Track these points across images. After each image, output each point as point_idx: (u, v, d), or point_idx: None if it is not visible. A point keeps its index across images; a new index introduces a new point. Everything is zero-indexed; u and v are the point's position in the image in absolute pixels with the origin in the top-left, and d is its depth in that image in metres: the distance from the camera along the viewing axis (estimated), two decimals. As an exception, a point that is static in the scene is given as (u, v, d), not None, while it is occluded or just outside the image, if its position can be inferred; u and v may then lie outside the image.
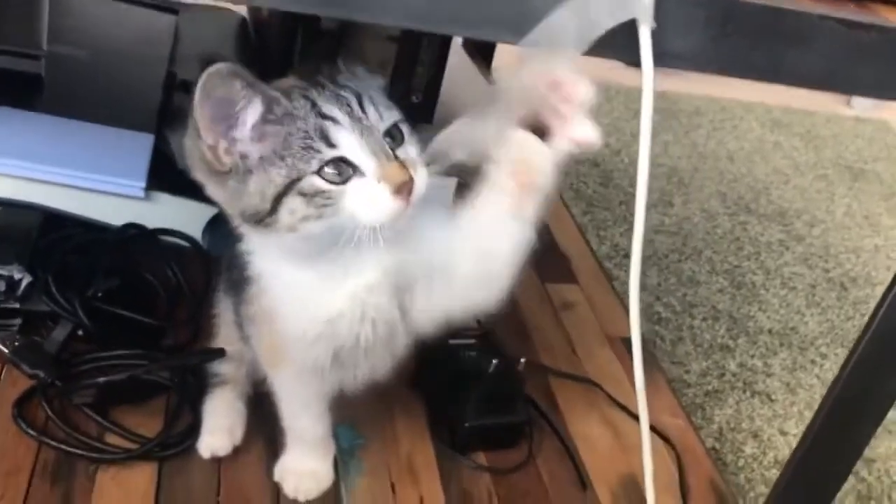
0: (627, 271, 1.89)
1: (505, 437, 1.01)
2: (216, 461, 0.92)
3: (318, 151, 0.67)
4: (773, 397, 1.59)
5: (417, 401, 1.05)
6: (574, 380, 1.15)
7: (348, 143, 0.68)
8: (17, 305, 0.99)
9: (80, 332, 0.99)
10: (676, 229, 2.06)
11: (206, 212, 1.11)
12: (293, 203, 0.67)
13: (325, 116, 0.68)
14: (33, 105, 1.16)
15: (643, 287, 1.80)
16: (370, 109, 0.70)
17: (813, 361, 1.71)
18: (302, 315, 0.76)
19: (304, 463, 0.91)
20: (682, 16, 0.58)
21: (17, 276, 0.98)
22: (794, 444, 1.48)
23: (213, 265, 1.09)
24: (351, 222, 0.68)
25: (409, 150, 0.71)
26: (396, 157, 0.69)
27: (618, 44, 0.58)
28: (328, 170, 0.67)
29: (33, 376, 0.94)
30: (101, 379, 0.92)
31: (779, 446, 1.49)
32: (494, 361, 0.97)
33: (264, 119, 0.67)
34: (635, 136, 2.32)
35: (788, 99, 2.91)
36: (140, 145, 1.13)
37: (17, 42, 1.18)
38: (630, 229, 1.97)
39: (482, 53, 2.01)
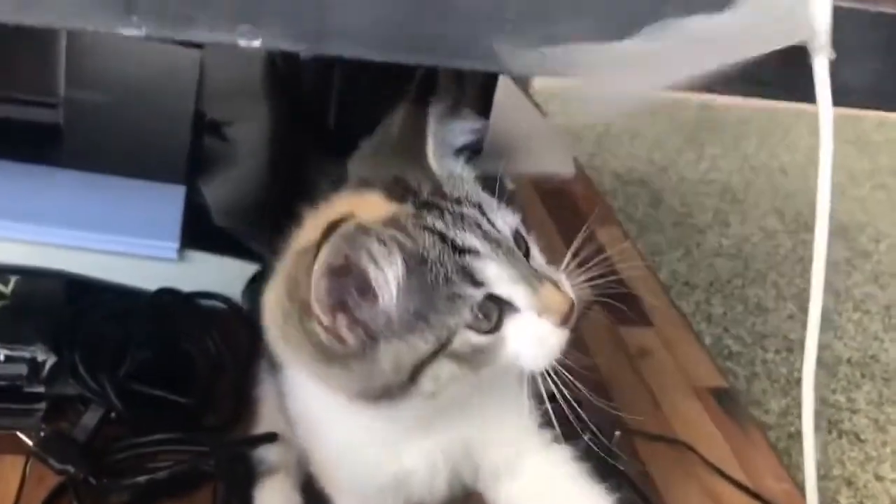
0: (689, 300, 1.77)
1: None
2: (274, 562, 0.80)
3: (467, 298, 0.53)
4: (862, 437, 1.46)
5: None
6: (664, 441, 1.02)
7: (496, 275, 0.54)
8: (41, 390, 0.88)
9: (112, 416, 0.88)
10: (736, 251, 1.94)
11: (246, 270, 0.99)
12: (442, 369, 0.54)
13: (462, 250, 0.54)
14: (52, 158, 1.05)
15: (708, 318, 1.69)
16: (498, 221, 0.56)
17: (900, 393, 1.58)
18: (364, 466, 0.64)
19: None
20: (858, 42, 0.46)
21: (40, 357, 0.87)
22: (892, 491, 1.36)
23: (255, 329, 0.98)
24: (508, 370, 0.56)
25: (537, 256, 0.58)
26: (541, 276, 0.56)
27: (781, 82, 0.46)
28: (478, 317, 0.54)
29: (62, 472, 0.83)
30: (142, 478, 0.80)
31: (876, 494, 1.35)
32: (587, 435, 0.84)
33: (406, 277, 0.53)
34: (680, 151, 2.19)
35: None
36: (171, 199, 1.02)
37: (31, 90, 1.08)
38: (687, 254, 1.86)
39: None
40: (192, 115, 1.14)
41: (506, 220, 0.57)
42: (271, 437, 0.84)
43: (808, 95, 0.45)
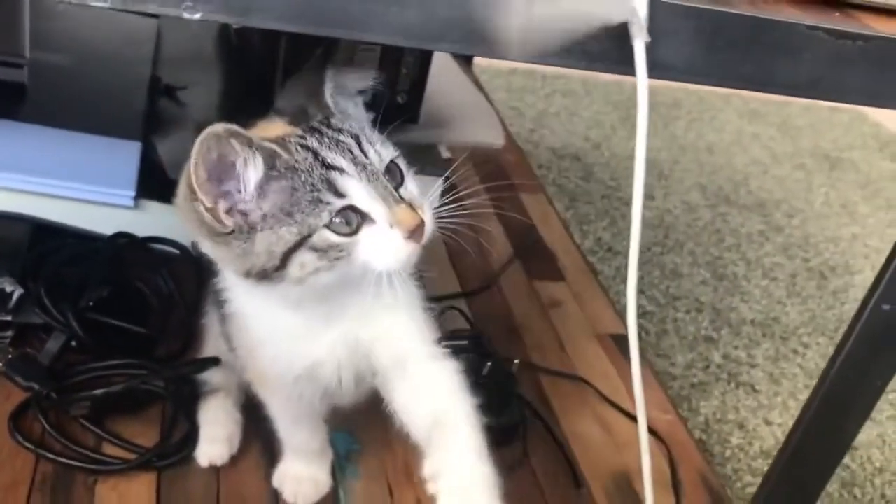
0: (611, 265, 1.91)
1: (499, 438, 1.02)
2: (215, 469, 0.92)
3: (328, 203, 0.66)
4: (758, 388, 1.62)
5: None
6: (565, 377, 1.16)
7: (356, 191, 0.66)
8: (9, 318, 0.98)
9: (73, 344, 0.99)
10: (658, 222, 2.08)
11: (196, 219, 1.11)
12: (304, 258, 0.66)
13: (329, 166, 0.67)
14: (17, 115, 1.15)
15: (626, 280, 1.83)
16: (370, 151, 0.69)
17: (795, 351, 1.74)
18: (282, 358, 0.77)
19: (303, 469, 0.92)
20: (673, 28, 0.59)
21: (8, 288, 0.98)
22: (778, 434, 1.52)
23: (204, 272, 1.10)
24: (363, 270, 0.68)
25: (411, 187, 0.71)
26: (401, 198, 0.68)
27: (610, 57, 0.58)
28: (337, 220, 0.66)
29: (28, 389, 0.94)
30: (98, 391, 0.92)
31: (764, 436, 1.51)
32: (489, 364, 0.98)
33: (267, 176, 0.65)
34: (615, 128, 2.34)
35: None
36: (128, 153, 1.13)
37: (-2, 50, 1.18)
38: (612, 224, 2.00)
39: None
40: (148, 79, 1.25)
41: (380, 153, 0.70)
42: (215, 361, 0.95)
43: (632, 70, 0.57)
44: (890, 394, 1.67)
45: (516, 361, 1.02)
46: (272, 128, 0.71)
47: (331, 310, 0.74)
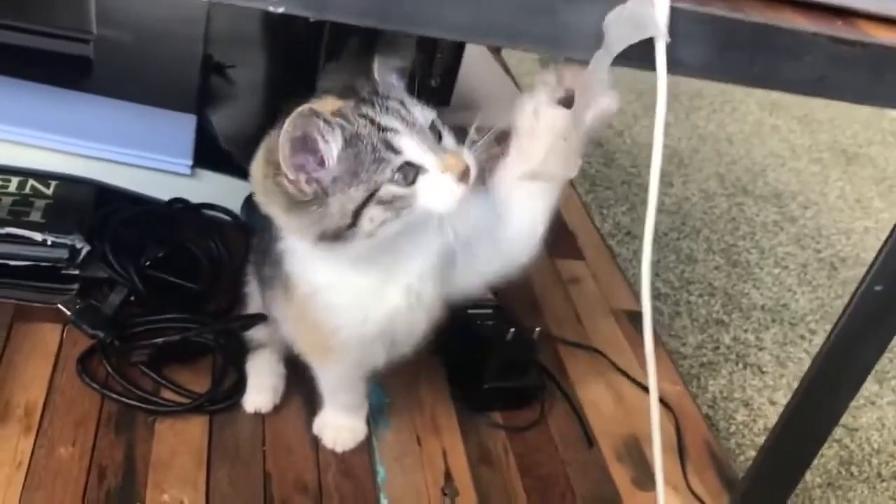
0: (629, 248, 2.00)
1: (519, 399, 1.11)
2: (260, 415, 1.02)
3: (388, 161, 0.74)
4: (764, 369, 1.70)
5: (439, 366, 1.15)
6: (581, 348, 1.25)
7: (409, 146, 0.75)
8: (76, 272, 1.08)
9: (132, 298, 1.08)
10: (676, 209, 2.15)
11: (246, 188, 1.19)
12: (373, 212, 0.75)
13: (384, 129, 0.75)
14: (84, 86, 1.25)
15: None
16: (416, 112, 0.78)
17: (802, 337, 1.81)
18: (360, 320, 0.85)
19: (341, 419, 1.01)
20: (691, 32, 0.67)
21: (77, 245, 1.07)
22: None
23: (250, 237, 1.19)
24: (424, 215, 0.77)
25: (449, 140, 0.79)
26: (446, 149, 0.77)
27: (635, 55, 0.67)
28: (397, 175, 0.75)
29: (93, 336, 1.04)
30: (158, 340, 1.01)
31: (768, 415, 1.59)
32: (512, 330, 1.07)
33: (343, 148, 0.75)
34: (637, 117, 2.42)
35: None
36: (184, 125, 1.22)
37: (68, 26, 1.27)
38: (632, 209, 2.08)
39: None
40: (200, 57, 1.34)
41: (423, 114, 0.78)
42: (262, 318, 1.04)
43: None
44: (892, 380, 1.75)
45: (538, 329, 1.10)
46: (326, 104, 0.79)
47: (396, 260, 0.83)
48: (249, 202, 1.22)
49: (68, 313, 1.05)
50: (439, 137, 0.80)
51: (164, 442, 0.96)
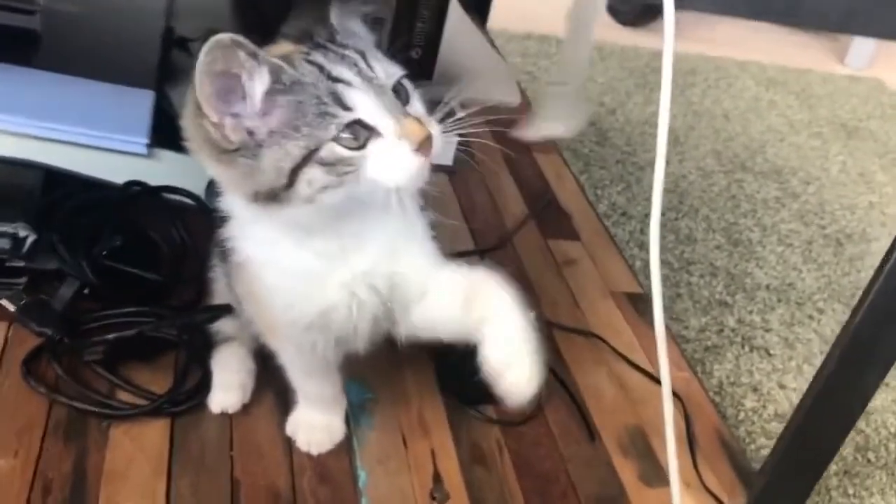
0: (625, 229, 1.90)
1: (513, 391, 1.02)
2: (228, 416, 0.92)
3: (335, 116, 0.65)
4: (772, 352, 1.61)
5: (424, 355, 1.05)
6: (579, 333, 1.15)
7: (363, 104, 0.65)
8: (22, 264, 0.98)
9: (85, 291, 0.98)
10: (673, 187, 2.06)
11: (210, 169, 1.10)
12: (312, 173, 0.65)
13: (335, 79, 0.66)
14: (30, 61, 1.14)
15: (640, 245, 1.82)
16: (377, 67, 0.68)
17: (810, 317, 1.72)
18: (294, 305, 0.76)
19: (316, 417, 0.91)
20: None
21: (21, 233, 0.97)
22: (793, 398, 1.51)
23: (215, 222, 1.09)
24: (372, 186, 0.67)
25: (417, 105, 0.70)
26: (409, 114, 0.68)
27: None
28: (344, 135, 0.65)
29: (41, 334, 0.94)
30: (111, 335, 0.91)
31: (778, 399, 1.50)
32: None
33: (273, 90, 0.65)
34: (630, 94, 2.31)
35: (783, 58, 2.90)
36: (141, 102, 1.12)
37: (12, -3, 1.17)
38: (627, 188, 1.99)
39: (478, 10, 2.00)
40: (162, 30, 1.24)
41: (387, 70, 0.68)
42: (227, 309, 0.95)
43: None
44: (905, 360, 1.65)
45: (533, 314, 1.00)
46: (278, 48, 0.70)
47: (345, 243, 0.73)
48: (214, 183, 1.13)
49: (12, 309, 0.95)
50: (407, 99, 0.70)
51: (119, 449, 0.86)
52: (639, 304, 1.25)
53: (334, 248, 0.74)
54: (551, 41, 2.67)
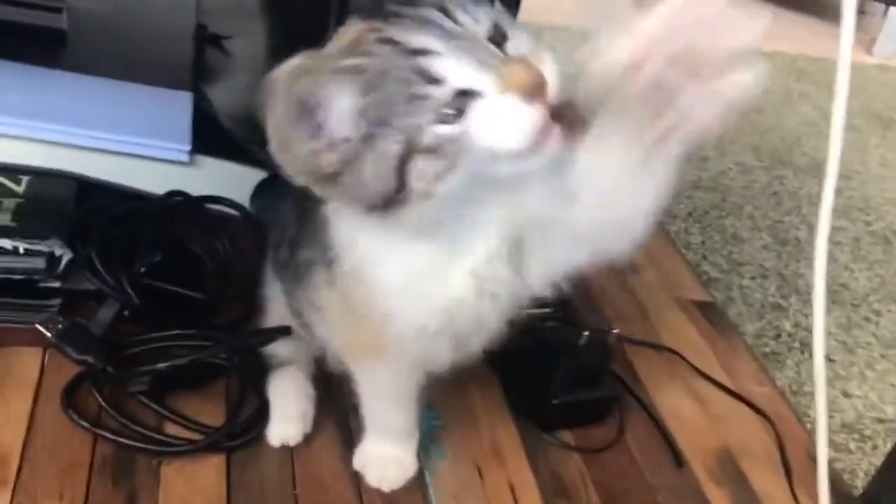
0: (670, 229, 1.81)
1: (592, 414, 0.94)
2: (288, 449, 0.84)
3: (426, 97, 0.55)
4: (832, 357, 1.53)
5: (492, 376, 0.97)
6: (652, 348, 1.07)
7: (453, 68, 0.55)
8: (57, 284, 0.90)
9: (126, 313, 0.90)
10: (714, 184, 1.98)
11: (255, 175, 1.01)
12: (420, 166, 0.56)
13: (417, 52, 0.56)
14: (57, 62, 1.06)
15: (688, 245, 1.74)
16: (463, 18, 0.57)
17: (867, 319, 1.65)
18: (418, 306, 0.67)
19: (388, 450, 0.83)
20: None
21: (57, 251, 0.89)
22: (859, 407, 1.43)
23: (263, 233, 1.01)
24: (490, 157, 0.56)
25: (521, 42, 0.58)
26: (508, 58, 0.57)
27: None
28: (446, 111, 0.55)
29: (81, 362, 0.85)
30: (161, 365, 0.83)
31: (844, 409, 1.42)
32: (586, 333, 0.89)
33: (360, 96, 0.56)
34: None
35: (809, 48, 2.83)
36: (179, 104, 1.03)
37: (37, -6, 1.08)
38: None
39: (510, 3, 1.92)
40: (193, 27, 1.15)
41: (475, 16, 0.57)
42: (285, 331, 0.86)
43: None
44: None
45: (615, 331, 0.92)
46: (349, 32, 0.59)
47: (458, 236, 0.64)
48: (260, 192, 1.05)
49: (49, 335, 0.87)
50: (503, 40, 0.58)
51: (172, 489, 0.78)
52: (710, 313, 1.17)
53: (451, 239, 0.65)
54: (576, 34, 2.59)
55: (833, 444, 1.36)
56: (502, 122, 0.55)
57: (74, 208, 0.95)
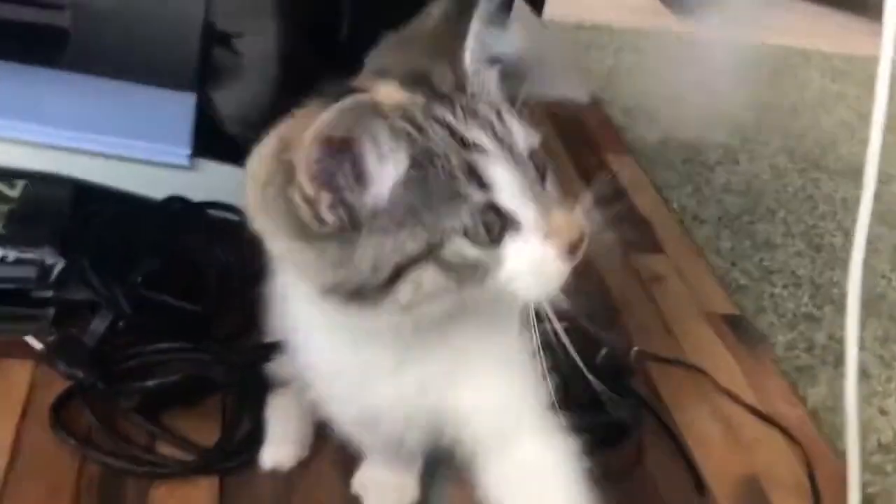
0: (699, 234, 1.74)
1: (611, 436, 0.88)
2: (285, 472, 0.80)
3: (468, 198, 0.49)
4: (868, 372, 1.46)
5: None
6: (676, 365, 1.02)
7: (503, 180, 0.49)
8: (50, 294, 0.86)
9: (121, 323, 0.86)
10: (745, 188, 1.91)
11: (258, 181, 0.97)
12: (424, 275, 0.50)
13: (469, 145, 0.50)
14: (59, 62, 1.02)
15: (717, 251, 1.68)
16: (515, 129, 0.51)
17: (905, 331, 1.57)
18: (336, 395, 0.63)
19: (388, 474, 0.78)
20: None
21: (49, 260, 0.85)
22: (895, 424, 1.36)
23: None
24: (497, 297, 0.51)
25: (551, 187, 0.54)
26: (555, 201, 0.52)
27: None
28: (477, 225, 0.49)
29: (71, 376, 0.82)
30: (152, 381, 0.79)
31: (881, 428, 1.35)
32: (604, 350, 0.84)
33: (408, 168, 0.50)
34: (688, 83, 2.12)
35: (846, 46, 2.74)
36: (181, 106, 1.00)
37: (37, -9, 1.05)
38: (697, 190, 1.84)
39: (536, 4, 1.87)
40: (201, 25, 1.11)
41: (525, 134, 0.52)
42: (282, 347, 0.82)
43: None
44: None
45: (635, 349, 0.87)
46: (385, 93, 0.52)
47: (410, 348, 0.58)
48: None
49: (40, 346, 0.83)
50: (542, 178, 0.53)
51: (162, 513, 0.74)
52: (737, 327, 1.12)
53: (394, 352, 0.59)
54: (603, 31, 2.53)
55: (868, 466, 1.29)
56: (539, 270, 0.51)
57: (70, 214, 0.92)
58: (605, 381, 0.86)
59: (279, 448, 0.80)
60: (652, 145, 2.00)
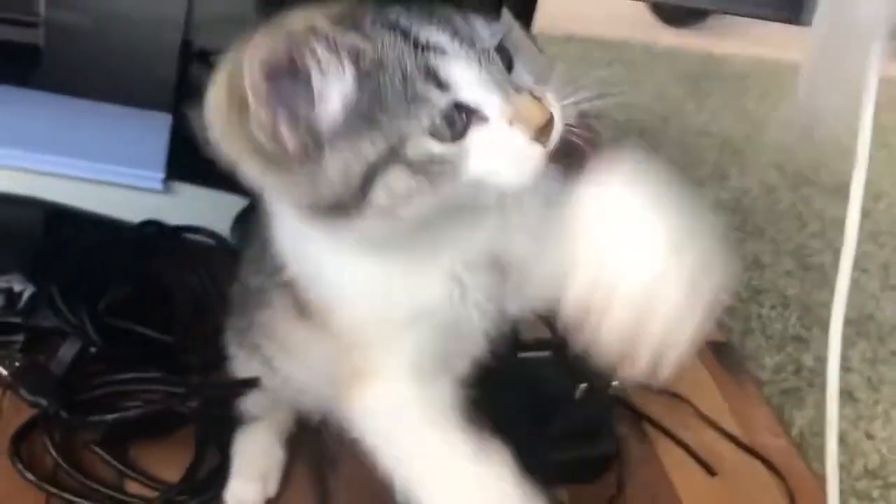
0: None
1: (590, 471, 0.87)
2: (252, 512, 0.77)
3: (427, 100, 0.49)
4: (855, 395, 1.44)
5: (482, 427, 0.90)
6: (660, 393, 1.00)
7: (464, 78, 0.49)
8: (18, 320, 0.84)
9: (92, 350, 0.84)
10: (735, 205, 1.90)
11: (235, 204, 0.95)
12: (393, 178, 0.50)
13: (426, 46, 0.50)
14: (31, 81, 1.01)
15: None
16: (478, 24, 0.51)
17: (894, 353, 1.56)
18: (383, 306, 0.59)
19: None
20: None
21: (17, 287, 0.84)
22: (883, 450, 1.34)
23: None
24: (475, 189, 0.51)
25: (523, 75, 0.53)
26: (520, 88, 0.51)
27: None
28: (439, 123, 0.49)
29: (35, 404, 0.79)
30: (110, 416, 0.77)
31: (867, 452, 1.34)
32: (583, 386, 0.82)
33: (355, 82, 0.49)
34: (680, 101, 2.12)
35: (838, 60, 2.74)
36: (156, 127, 0.98)
37: (10, 8, 1.03)
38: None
39: (523, 15, 1.85)
40: (179, 43, 1.10)
41: (491, 28, 0.52)
42: (251, 383, 0.79)
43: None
44: None
45: (615, 383, 0.85)
46: (343, 7, 0.52)
47: (433, 243, 0.57)
48: (242, 221, 0.99)
49: (4, 373, 0.81)
50: (509, 67, 0.53)
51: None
52: (722, 354, 1.10)
53: (422, 248, 0.57)
54: (593, 44, 2.53)
55: (854, 492, 1.27)
56: (507, 156, 0.51)
57: (40, 239, 0.90)
58: (585, 418, 0.85)
59: (244, 486, 0.77)
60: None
